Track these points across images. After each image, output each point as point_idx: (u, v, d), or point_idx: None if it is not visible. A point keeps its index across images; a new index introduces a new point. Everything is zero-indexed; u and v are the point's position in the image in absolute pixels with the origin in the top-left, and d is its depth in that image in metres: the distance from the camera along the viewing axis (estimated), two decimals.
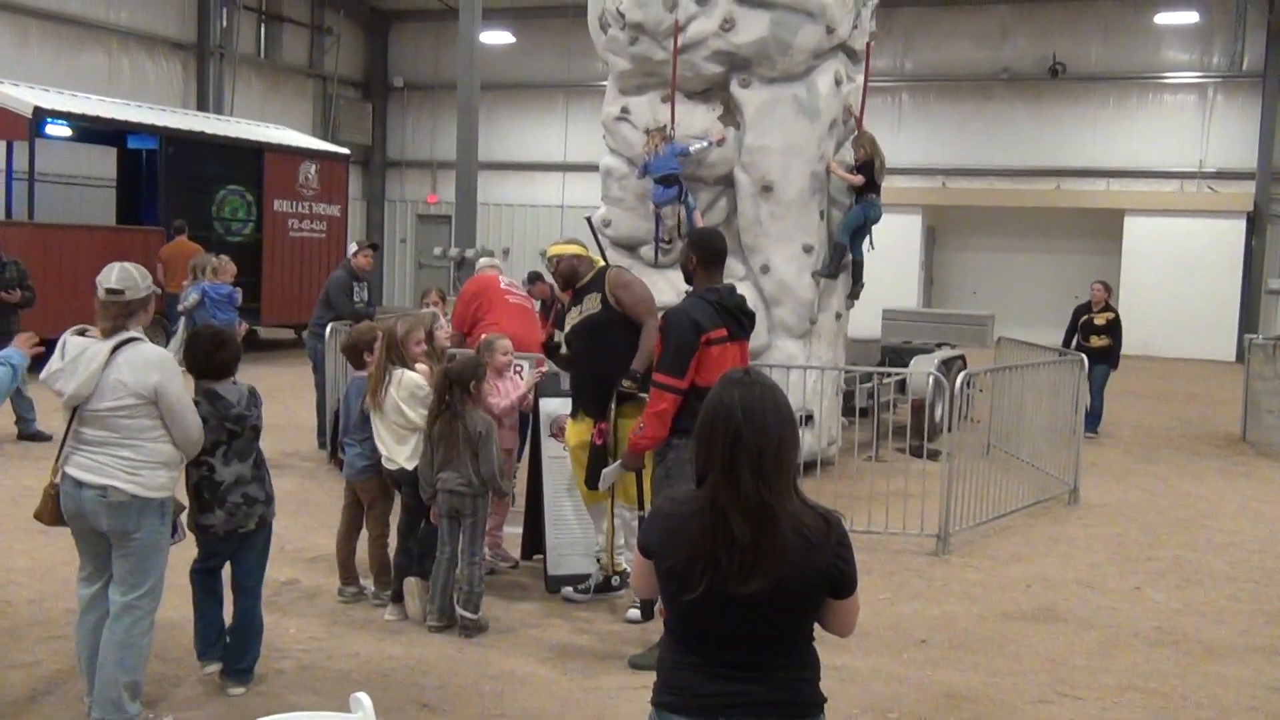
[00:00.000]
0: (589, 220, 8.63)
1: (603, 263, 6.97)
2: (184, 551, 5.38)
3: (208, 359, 5.24)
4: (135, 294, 4.84)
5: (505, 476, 7.39)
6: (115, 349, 4.74)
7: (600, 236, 8.24)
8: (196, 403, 5.10)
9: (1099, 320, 13.72)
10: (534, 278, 13.52)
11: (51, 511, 4.92)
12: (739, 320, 6.07)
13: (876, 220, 11.01)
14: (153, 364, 4.77)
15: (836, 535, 2.83)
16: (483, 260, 10.53)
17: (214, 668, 5.50)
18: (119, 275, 4.83)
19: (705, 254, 6.11)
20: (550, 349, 7.06)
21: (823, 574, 2.81)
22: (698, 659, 2.86)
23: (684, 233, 10.38)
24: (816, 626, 2.96)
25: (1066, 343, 13.65)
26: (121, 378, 4.70)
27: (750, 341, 6.76)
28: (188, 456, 5.00)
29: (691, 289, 6.13)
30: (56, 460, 4.91)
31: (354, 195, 27.91)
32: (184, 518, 5.26)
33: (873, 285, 11.65)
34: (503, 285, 9.39)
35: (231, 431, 5.19)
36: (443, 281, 24.53)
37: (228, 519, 5.22)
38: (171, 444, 4.85)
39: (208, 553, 5.45)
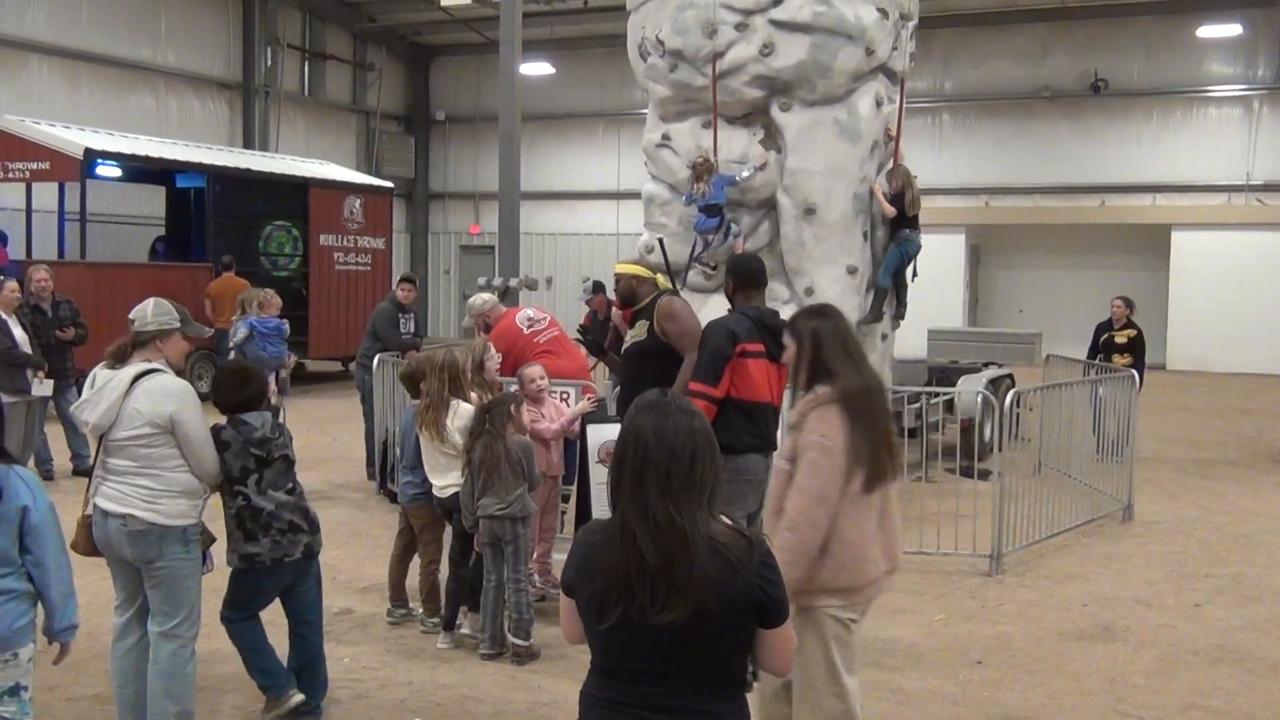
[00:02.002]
0: (660, 241, 8.60)
1: (668, 287, 6.94)
2: (212, 589, 5.40)
3: (233, 393, 5.23)
4: (142, 326, 4.94)
5: (550, 509, 7.43)
6: (136, 379, 4.83)
7: (666, 259, 8.22)
8: (222, 428, 5.13)
9: (1120, 338, 13.23)
10: (598, 288, 13.48)
11: (85, 542, 5.01)
12: (778, 342, 6.02)
13: (915, 255, 10.93)
14: (170, 394, 4.84)
15: (759, 556, 2.67)
16: (482, 298, 10.02)
17: (297, 698, 5.42)
18: (137, 307, 5.00)
19: (740, 278, 6.15)
20: (595, 348, 6.96)
21: (746, 598, 2.64)
22: (616, 695, 2.71)
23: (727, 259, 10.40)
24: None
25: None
26: (139, 407, 4.79)
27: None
28: (208, 486, 5.03)
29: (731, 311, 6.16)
30: (87, 491, 5.03)
31: (398, 228, 28.17)
32: (213, 550, 5.26)
33: (917, 305, 11.58)
34: (525, 330, 9.12)
35: (258, 458, 5.15)
36: None
37: (273, 546, 5.19)
38: (188, 472, 4.91)
39: (250, 591, 5.31)
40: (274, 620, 5.51)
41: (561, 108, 29.94)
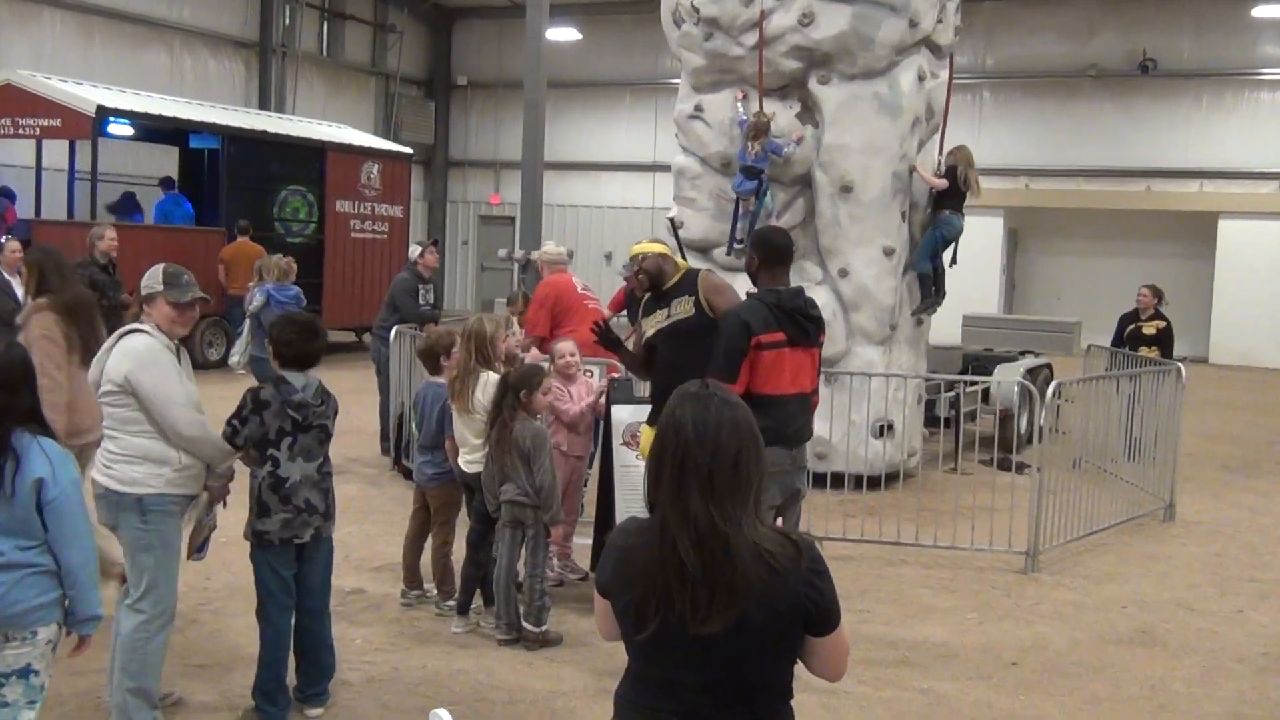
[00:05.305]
0: (671, 220, 8.52)
1: (685, 264, 6.83)
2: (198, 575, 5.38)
3: (294, 345, 5.26)
4: (141, 289, 5.07)
5: (572, 490, 7.38)
6: (120, 338, 4.94)
7: (678, 237, 8.14)
8: (261, 388, 5.16)
9: (1148, 329, 12.71)
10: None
11: None
12: (800, 325, 5.76)
13: (955, 237, 10.84)
14: (128, 353, 4.88)
15: (808, 561, 2.57)
16: (549, 247, 10.34)
17: (316, 711, 5.41)
18: None
19: (768, 253, 5.88)
20: (608, 339, 6.81)
21: (794, 607, 2.55)
22: (655, 702, 2.65)
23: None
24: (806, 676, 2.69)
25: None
26: (109, 365, 4.89)
27: (827, 348, 6.55)
28: (187, 451, 4.92)
29: (754, 291, 5.93)
30: None
31: (416, 196, 28.12)
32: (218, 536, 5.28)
33: (952, 291, 11.49)
34: (579, 289, 9.33)
35: (295, 421, 5.14)
36: (505, 284, 24.64)
37: (283, 525, 5.15)
38: (154, 439, 4.87)
39: (264, 570, 5.21)
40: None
41: (588, 75, 29.77)
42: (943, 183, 10.60)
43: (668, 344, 6.34)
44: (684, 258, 7.04)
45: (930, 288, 10.77)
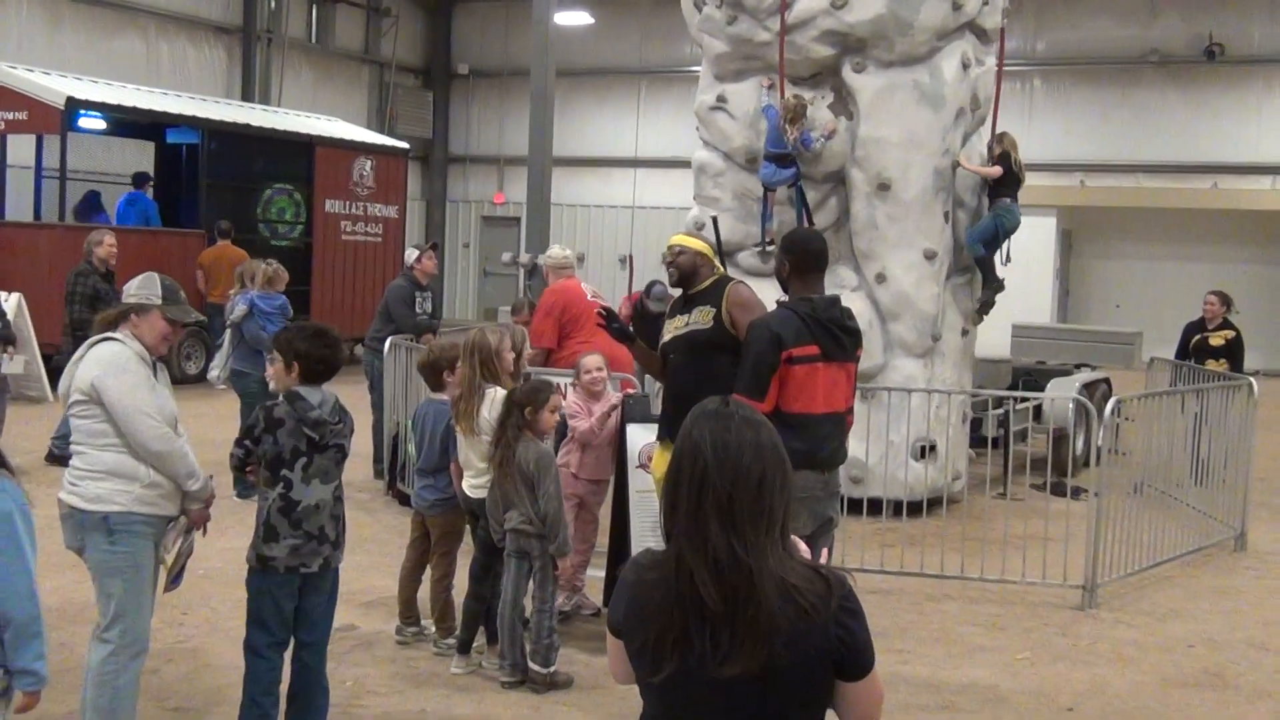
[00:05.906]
0: (714, 219, 8.50)
1: (722, 271, 6.81)
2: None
3: (328, 361, 5.35)
4: (125, 297, 5.12)
5: (585, 518, 7.37)
6: (91, 346, 5.00)
7: (719, 237, 8.13)
8: (275, 404, 5.18)
9: (1215, 340, 12.74)
10: None
11: None
12: (836, 337, 5.73)
13: (1013, 229, 10.84)
14: (98, 360, 4.94)
15: (839, 599, 2.55)
16: (554, 251, 10.44)
17: None
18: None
19: (800, 258, 5.84)
20: (621, 332, 6.81)
21: (824, 649, 2.53)
22: None
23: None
24: None
25: None
26: (76, 374, 4.94)
27: (863, 361, 6.55)
28: (154, 466, 4.94)
29: (785, 299, 5.93)
30: None
31: (413, 194, 28.24)
32: (197, 563, 5.29)
33: (1001, 297, 11.46)
34: (589, 297, 9.38)
35: (311, 440, 5.16)
36: (509, 291, 24.68)
37: (291, 552, 5.14)
38: (122, 453, 4.91)
39: (261, 597, 5.22)
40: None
41: (600, 63, 29.88)
42: (997, 171, 10.64)
43: (680, 354, 6.37)
44: (723, 263, 7.02)
45: (992, 272, 10.81)
